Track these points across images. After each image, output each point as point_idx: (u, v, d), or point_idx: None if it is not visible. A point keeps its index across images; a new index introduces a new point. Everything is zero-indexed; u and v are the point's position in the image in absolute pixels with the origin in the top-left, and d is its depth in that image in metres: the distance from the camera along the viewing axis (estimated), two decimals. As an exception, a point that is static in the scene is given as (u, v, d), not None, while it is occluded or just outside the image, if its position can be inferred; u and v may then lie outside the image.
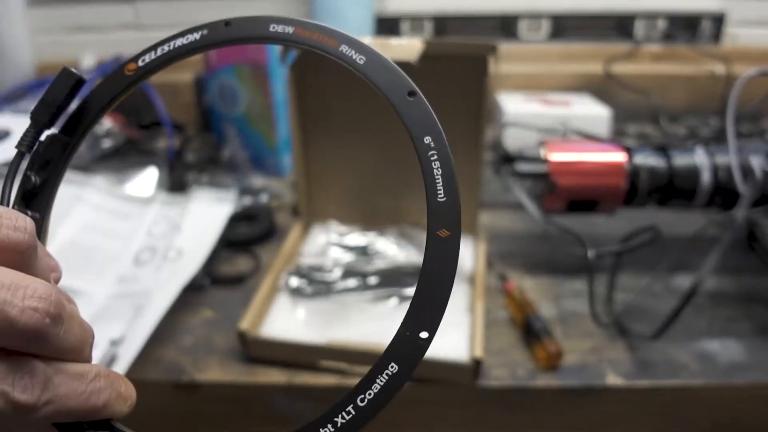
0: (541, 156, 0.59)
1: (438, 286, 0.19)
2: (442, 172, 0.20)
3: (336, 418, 0.19)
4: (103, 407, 0.20)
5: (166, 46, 0.24)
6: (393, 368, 0.19)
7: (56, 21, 1.00)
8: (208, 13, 1.11)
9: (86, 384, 0.19)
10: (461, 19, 1.00)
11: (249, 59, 0.72)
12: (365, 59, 0.22)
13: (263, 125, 0.78)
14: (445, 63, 0.54)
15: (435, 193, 0.20)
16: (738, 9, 0.98)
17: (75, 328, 0.19)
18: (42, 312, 0.17)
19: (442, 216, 0.20)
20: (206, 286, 0.58)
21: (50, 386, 0.18)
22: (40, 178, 0.23)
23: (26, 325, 0.17)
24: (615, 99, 0.92)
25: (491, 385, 0.47)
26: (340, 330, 0.51)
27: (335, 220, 0.65)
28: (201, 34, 0.24)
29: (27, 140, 0.22)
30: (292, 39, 0.23)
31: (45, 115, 0.22)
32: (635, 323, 0.52)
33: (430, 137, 0.20)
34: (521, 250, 0.64)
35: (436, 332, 0.19)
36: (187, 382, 0.48)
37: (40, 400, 0.17)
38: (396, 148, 0.61)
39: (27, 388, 0.17)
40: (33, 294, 0.17)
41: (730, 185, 0.55)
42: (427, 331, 0.19)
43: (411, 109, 0.21)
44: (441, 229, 0.20)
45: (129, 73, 0.24)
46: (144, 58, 0.24)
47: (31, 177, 0.22)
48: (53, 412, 0.18)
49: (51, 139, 0.23)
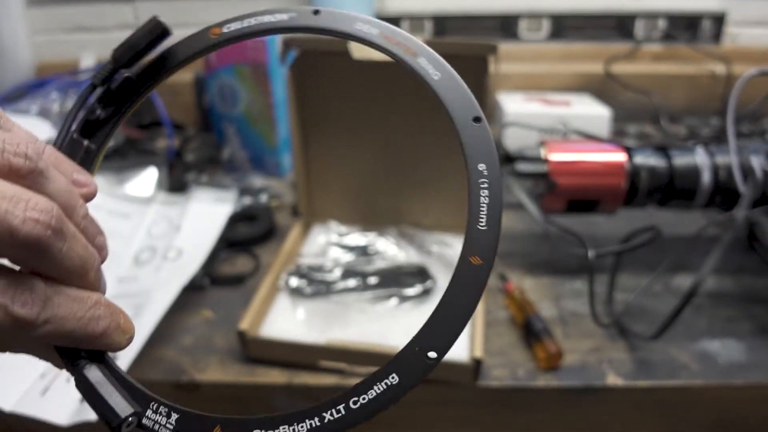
0: (541, 156, 0.59)
1: (459, 309, 0.19)
2: (489, 201, 0.20)
3: (325, 413, 0.19)
4: (101, 335, 0.20)
5: (252, 20, 0.24)
6: (393, 379, 0.19)
7: (56, 21, 1.00)
8: (208, 13, 1.12)
9: (86, 309, 0.19)
10: (461, 19, 1.00)
11: (249, 59, 0.72)
12: (440, 76, 0.22)
13: (263, 125, 0.78)
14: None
15: (477, 220, 0.20)
16: (738, 9, 0.98)
17: (78, 248, 0.19)
18: (43, 224, 0.17)
19: (479, 244, 0.19)
20: (206, 286, 0.58)
21: (49, 305, 0.18)
22: (105, 113, 0.24)
23: (28, 234, 0.17)
24: (615, 99, 0.92)
25: (491, 385, 0.47)
26: (339, 330, 0.51)
27: (335, 220, 0.65)
28: (289, 16, 0.24)
29: (102, 74, 0.24)
30: (374, 41, 0.23)
31: (125, 56, 0.23)
32: (635, 323, 0.52)
33: (485, 165, 0.20)
34: (521, 250, 0.64)
35: (444, 355, 0.19)
36: (187, 382, 0.48)
37: (39, 318, 0.18)
38: (396, 148, 0.61)
39: (26, 304, 0.17)
40: (35, 207, 0.17)
41: (731, 185, 0.55)
42: (437, 352, 0.19)
43: (473, 135, 0.21)
44: (474, 256, 0.19)
45: (212, 36, 0.25)
46: (229, 26, 0.24)
47: (96, 109, 0.23)
48: (51, 331, 0.18)
49: (125, 79, 0.24)
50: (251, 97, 0.76)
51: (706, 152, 0.57)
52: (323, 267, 0.57)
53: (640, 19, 0.99)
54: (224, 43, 0.24)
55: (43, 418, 0.43)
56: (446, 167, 0.60)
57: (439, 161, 0.60)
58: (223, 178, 0.76)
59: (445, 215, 0.63)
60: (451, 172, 0.61)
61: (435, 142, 0.59)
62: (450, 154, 0.59)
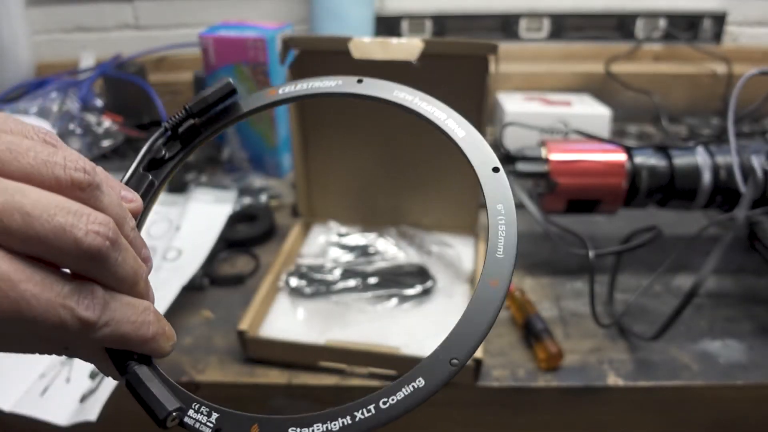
0: (541, 156, 0.58)
1: (480, 321, 0.22)
2: (506, 235, 0.23)
3: (356, 412, 0.21)
4: (151, 338, 0.22)
5: (305, 84, 0.28)
6: (420, 382, 0.21)
7: (55, 20, 1.00)
8: (208, 13, 1.12)
9: (138, 314, 0.21)
10: (461, 19, 1.00)
11: (249, 59, 0.72)
12: (465, 134, 0.26)
13: (263, 125, 0.78)
14: (446, 62, 0.54)
15: (495, 250, 0.23)
16: (739, 8, 0.98)
17: (130, 259, 0.21)
18: (103, 236, 0.19)
19: (497, 269, 0.23)
20: (206, 286, 0.58)
21: (108, 309, 0.20)
22: (169, 154, 0.28)
23: (90, 246, 0.19)
24: (615, 99, 0.92)
25: (492, 385, 0.47)
26: (339, 330, 0.51)
27: (335, 220, 0.65)
28: (336, 83, 0.28)
29: (174, 121, 0.28)
30: (410, 107, 0.27)
31: (196, 107, 0.28)
32: (636, 323, 0.52)
33: (502, 205, 0.24)
34: (522, 250, 0.64)
35: (466, 362, 0.21)
36: (187, 382, 0.48)
37: (100, 320, 0.20)
38: (396, 148, 0.61)
39: (89, 307, 0.19)
40: (95, 220, 0.19)
41: (731, 185, 0.55)
42: (458, 358, 0.21)
43: (492, 182, 0.24)
44: (494, 279, 0.22)
45: (269, 95, 0.29)
46: (284, 89, 0.29)
47: (162, 149, 0.28)
48: (109, 333, 0.20)
49: (191, 126, 0.28)
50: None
51: (706, 152, 0.57)
52: (323, 267, 0.57)
53: (641, 18, 0.99)
54: (279, 103, 0.29)
55: (43, 418, 0.43)
56: (446, 167, 0.60)
57: (439, 161, 0.60)
58: (223, 178, 0.76)
59: (445, 215, 0.63)
60: (451, 172, 0.60)
61: (435, 142, 0.59)
62: (450, 155, 0.59)
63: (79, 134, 0.73)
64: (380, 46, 0.53)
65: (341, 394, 0.48)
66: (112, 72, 0.86)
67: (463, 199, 0.62)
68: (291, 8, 0.98)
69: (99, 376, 0.46)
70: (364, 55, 0.53)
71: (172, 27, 0.99)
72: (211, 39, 0.73)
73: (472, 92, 0.56)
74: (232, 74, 0.74)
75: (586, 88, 0.95)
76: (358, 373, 0.48)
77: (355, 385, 0.47)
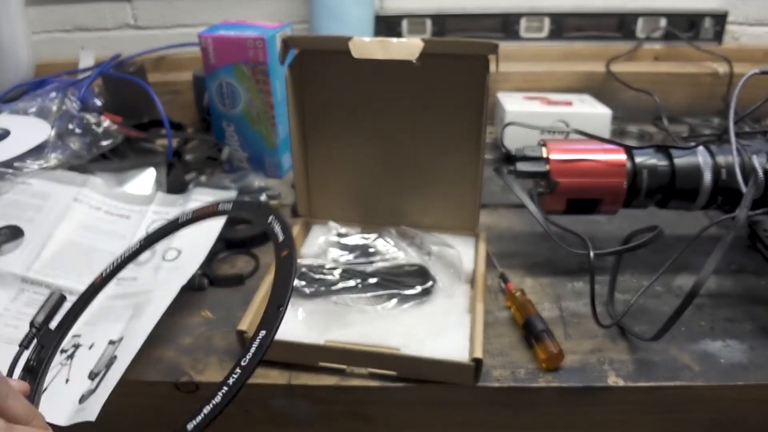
0: (541, 155, 0.58)
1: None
2: None
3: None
4: None
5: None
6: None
7: (54, 20, 1.00)
8: (207, 13, 1.12)
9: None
10: (461, 18, 1.00)
11: (249, 58, 0.72)
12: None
13: (263, 125, 0.77)
14: (446, 62, 0.54)
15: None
16: (739, 8, 0.98)
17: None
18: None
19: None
20: (205, 286, 0.58)
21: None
22: (36, 361, 0.41)
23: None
24: (616, 98, 0.92)
25: (492, 385, 0.47)
26: (339, 330, 0.51)
27: (335, 221, 0.64)
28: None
29: (26, 341, 0.41)
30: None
31: (40, 325, 0.43)
32: (636, 324, 0.52)
33: None
34: (522, 250, 0.64)
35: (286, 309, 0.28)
36: (187, 382, 0.47)
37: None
38: (396, 148, 0.61)
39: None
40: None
41: (732, 185, 0.55)
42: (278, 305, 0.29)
43: None
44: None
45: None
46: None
47: (30, 360, 0.41)
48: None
49: (46, 330, 0.43)
50: (251, 97, 0.75)
51: (707, 152, 0.57)
52: (323, 267, 0.57)
53: (641, 18, 0.99)
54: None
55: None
56: (446, 167, 0.60)
57: (439, 161, 0.60)
58: (223, 178, 0.76)
59: (445, 215, 0.63)
60: (451, 172, 0.60)
61: (435, 142, 0.59)
62: (450, 154, 0.59)
63: (79, 134, 0.73)
64: (380, 46, 0.53)
65: (341, 394, 0.48)
66: (112, 72, 0.86)
67: (463, 199, 0.61)
68: (291, 8, 0.98)
69: (98, 377, 0.46)
70: (364, 54, 0.53)
71: (171, 26, 0.99)
72: (210, 38, 0.73)
73: (472, 92, 0.55)
74: (231, 74, 0.74)
75: (587, 88, 0.95)
76: (358, 374, 0.48)
77: (355, 386, 0.47)
